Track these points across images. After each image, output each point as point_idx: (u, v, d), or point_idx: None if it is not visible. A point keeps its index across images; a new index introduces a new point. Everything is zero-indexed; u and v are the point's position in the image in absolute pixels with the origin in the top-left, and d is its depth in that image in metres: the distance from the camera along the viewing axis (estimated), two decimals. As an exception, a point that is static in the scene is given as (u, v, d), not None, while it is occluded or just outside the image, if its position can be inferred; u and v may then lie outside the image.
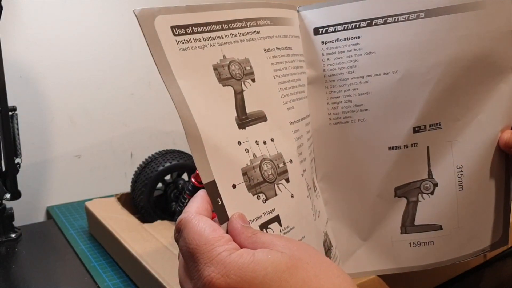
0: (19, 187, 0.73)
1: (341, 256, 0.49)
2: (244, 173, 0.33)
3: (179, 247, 0.29)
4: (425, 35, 0.44)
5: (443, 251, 0.47)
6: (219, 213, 0.31)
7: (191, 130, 0.31)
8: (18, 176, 0.73)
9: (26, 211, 0.87)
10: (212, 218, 0.30)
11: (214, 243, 0.26)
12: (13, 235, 0.74)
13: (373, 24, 0.45)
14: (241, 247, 0.27)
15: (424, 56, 0.44)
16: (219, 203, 0.31)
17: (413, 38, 0.44)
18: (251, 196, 0.34)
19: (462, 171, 0.46)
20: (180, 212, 0.67)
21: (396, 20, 0.44)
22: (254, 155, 0.35)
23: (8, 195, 0.72)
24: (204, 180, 0.31)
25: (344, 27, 0.46)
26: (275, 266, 0.25)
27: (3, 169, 0.72)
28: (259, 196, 0.34)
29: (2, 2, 0.67)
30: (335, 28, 0.46)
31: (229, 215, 0.31)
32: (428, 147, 0.46)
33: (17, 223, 0.77)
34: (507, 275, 0.62)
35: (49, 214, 0.89)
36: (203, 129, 0.31)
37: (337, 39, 0.46)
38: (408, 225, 0.47)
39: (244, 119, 0.35)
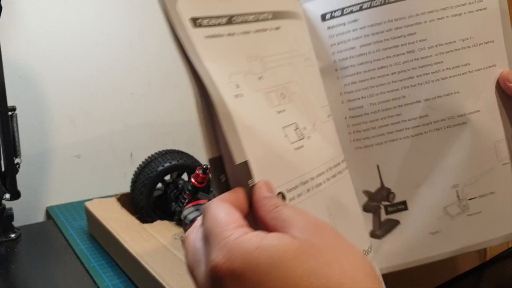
0: (19, 187, 0.72)
1: None
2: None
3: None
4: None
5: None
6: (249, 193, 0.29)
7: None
8: (18, 176, 0.73)
9: (26, 211, 0.87)
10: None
11: (225, 226, 0.25)
12: (12, 235, 0.74)
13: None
14: (262, 223, 0.27)
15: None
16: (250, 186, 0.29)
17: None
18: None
19: None
20: (180, 212, 0.68)
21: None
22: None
23: (7, 195, 0.72)
24: (238, 161, 0.29)
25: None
26: (282, 254, 0.23)
27: (3, 169, 0.72)
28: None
29: (2, 2, 0.67)
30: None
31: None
32: None
33: (16, 223, 0.76)
34: (507, 276, 0.62)
35: (48, 214, 0.89)
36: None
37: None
38: None
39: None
